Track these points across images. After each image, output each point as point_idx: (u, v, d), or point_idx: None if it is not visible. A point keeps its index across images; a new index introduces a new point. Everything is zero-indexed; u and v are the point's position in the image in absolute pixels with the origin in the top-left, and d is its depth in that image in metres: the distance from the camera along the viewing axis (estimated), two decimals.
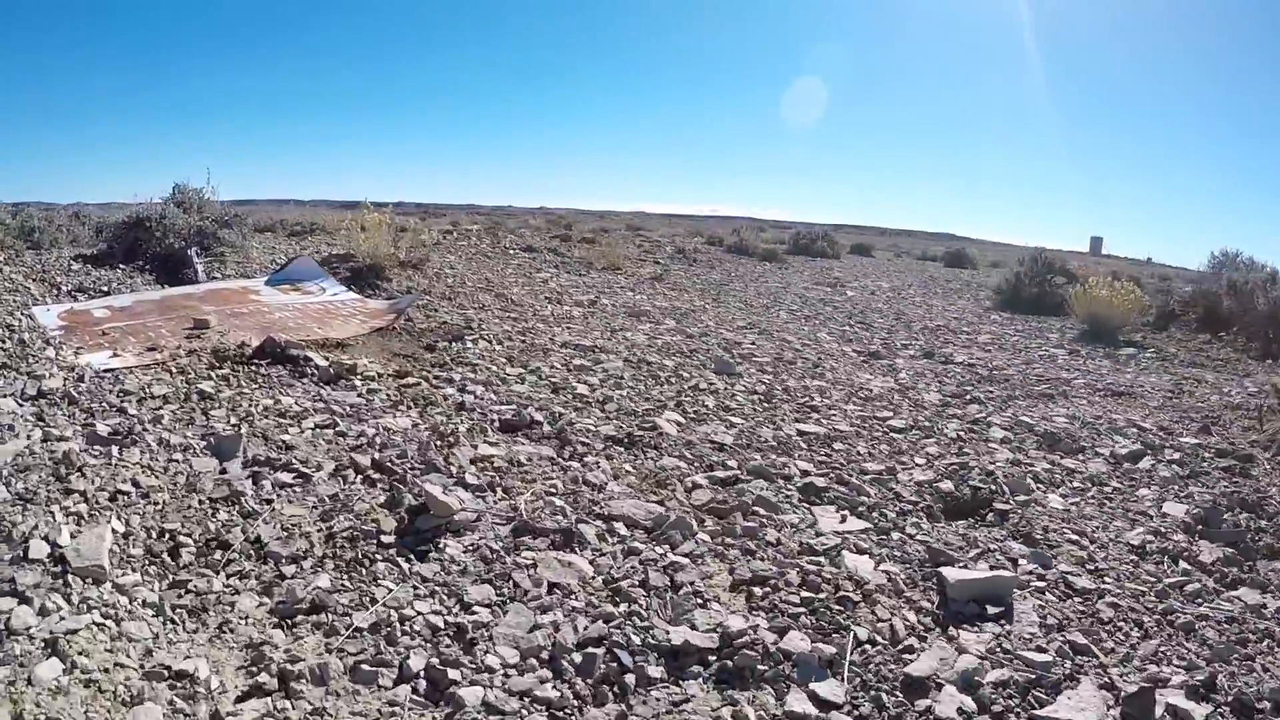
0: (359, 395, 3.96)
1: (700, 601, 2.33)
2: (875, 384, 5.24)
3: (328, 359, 4.41)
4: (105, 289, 6.37)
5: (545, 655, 2.05)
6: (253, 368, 4.19)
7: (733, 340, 6.37)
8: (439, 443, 3.35)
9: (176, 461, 2.95)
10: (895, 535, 2.91)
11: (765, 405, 4.53)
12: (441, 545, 2.51)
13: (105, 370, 3.96)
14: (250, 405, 3.63)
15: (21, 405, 3.27)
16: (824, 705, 1.94)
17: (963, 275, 15.30)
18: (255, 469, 2.95)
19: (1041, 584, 2.60)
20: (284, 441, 3.24)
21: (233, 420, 3.43)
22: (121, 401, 3.51)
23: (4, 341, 4.20)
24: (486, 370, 4.66)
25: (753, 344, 6.30)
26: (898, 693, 2.00)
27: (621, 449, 3.59)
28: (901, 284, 12.28)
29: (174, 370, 4.05)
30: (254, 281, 6.84)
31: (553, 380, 4.57)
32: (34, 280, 6.24)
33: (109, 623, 1.96)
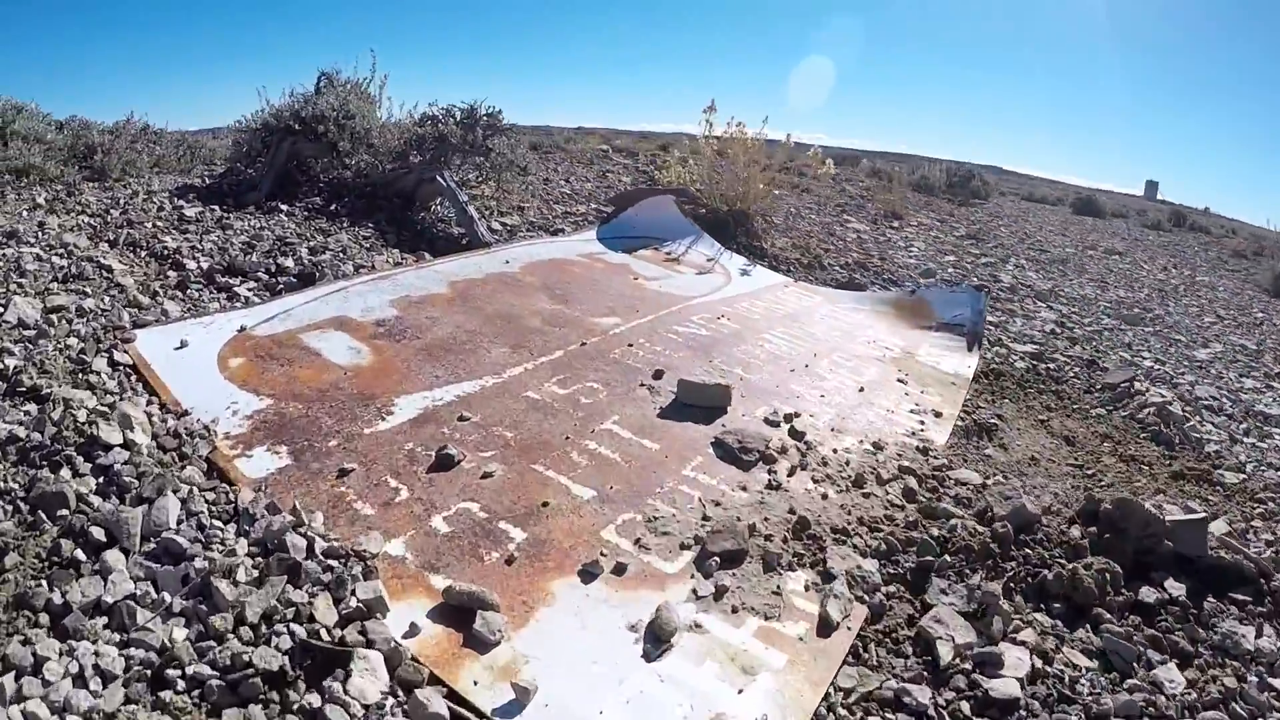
0: None
1: None
2: None
3: None
4: (285, 265, 3.34)
5: None
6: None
7: None
8: None
9: None
10: None
11: None
12: None
13: None
14: None
15: None
16: None
17: (1151, 238, 12.99)
18: None
19: None
20: None
21: None
22: None
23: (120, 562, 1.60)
24: None
25: None
26: None
27: None
28: (1126, 249, 10.14)
29: None
30: (578, 240, 4.16)
31: None
32: (109, 243, 3.32)
33: None
